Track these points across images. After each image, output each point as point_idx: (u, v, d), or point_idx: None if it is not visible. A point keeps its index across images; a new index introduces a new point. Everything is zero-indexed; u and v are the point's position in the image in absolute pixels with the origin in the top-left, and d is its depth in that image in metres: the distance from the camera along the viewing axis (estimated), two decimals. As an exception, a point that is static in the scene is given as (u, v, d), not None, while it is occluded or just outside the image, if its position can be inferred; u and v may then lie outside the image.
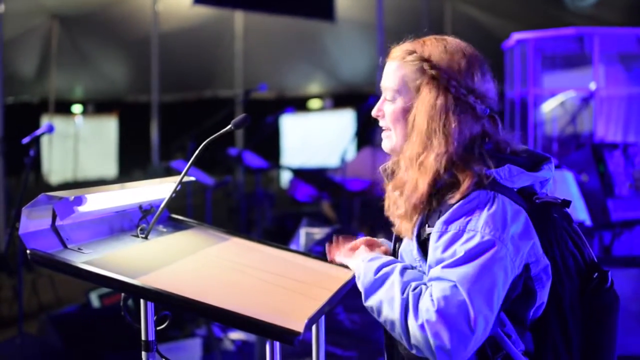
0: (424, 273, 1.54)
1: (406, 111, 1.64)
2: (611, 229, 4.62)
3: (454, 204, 1.51)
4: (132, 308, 3.84)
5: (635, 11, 9.79)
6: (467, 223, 1.48)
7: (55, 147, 13.77)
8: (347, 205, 6.29)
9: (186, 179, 1.93)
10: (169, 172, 6.92)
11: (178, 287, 1.55)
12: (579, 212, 4.21)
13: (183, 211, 3.75)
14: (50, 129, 4.00)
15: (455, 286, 1.41)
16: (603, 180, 4.54)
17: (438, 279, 1.44)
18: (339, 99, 15.18)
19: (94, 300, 4.67)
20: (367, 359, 3.81)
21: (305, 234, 4.31)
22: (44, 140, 12.40)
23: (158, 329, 1.73)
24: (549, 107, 7.36)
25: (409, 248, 1.61)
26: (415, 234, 1.58)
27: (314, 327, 1.96)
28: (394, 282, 1.52)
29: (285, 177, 13.94)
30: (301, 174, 8.73)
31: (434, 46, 1.64)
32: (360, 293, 1.62)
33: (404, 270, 1.55)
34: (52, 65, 12.24)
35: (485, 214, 1.48)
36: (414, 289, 1.47)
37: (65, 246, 1.67)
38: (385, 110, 1.69)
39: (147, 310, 1.71)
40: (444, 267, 1.45)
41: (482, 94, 1.62)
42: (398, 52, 1.68)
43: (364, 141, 8.08)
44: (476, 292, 1.41)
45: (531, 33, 7.01)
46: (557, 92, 7.23)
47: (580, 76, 7.05)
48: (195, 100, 14.59)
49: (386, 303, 1.50)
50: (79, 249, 1.68)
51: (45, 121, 12.81)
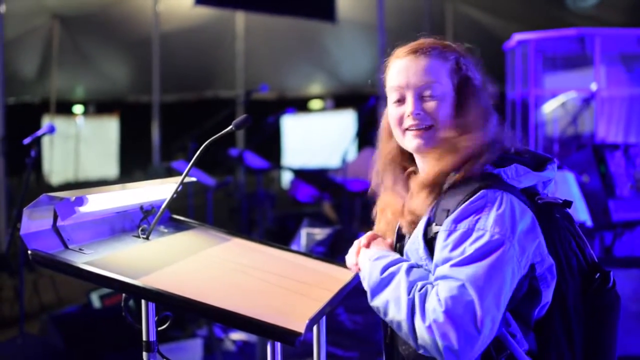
0: (429, 272, 1.54)
1: (452, 104, 1.63)
2: (612, 229, 4.62)
3: (462, 202, 1.51)
4: (133, 308, 3.84)
5: (636, 12, 9.79)
6: (477, 222, 1.47)
7: (56, 148, 13.78)
8: (348, 206, 6.29)
9: (187, 179, 1.93)
10: (170, 173, 6.93)
11: (179, 287, 1.55)
12: (580, 212, 4.21)
13: (184, 212, 3.75)
14: (52, 130, 4.00)
15: (463, 286, 1.40)
16: (604, 181, 4.54)
17: (445, 277, 1.44)
18: (340, 100, 15.19)
19: (95, 300, 4.68)
20: (368, 359, 3.81)
21: (306, 234, 4.32)
22: (45, 141, 12.40)
23: (159, 329, 1.73)
24: (550, 107, 7.36)
25: (414, 247, 1.59)
26: (422, 232, 1.58)
27: (315, 328, 1.96)
28: (400, 282, 1.51)
29: (286, 178, 13.95)
30: (302, 175, 8.74)
31: (455, 45, 1.68)
32: (361, 293, 1.61)
33: (410, 269, 1.54)
34: (53, 66, 12.25)
35: (494, 213, 1.48)
36: (420, 289, 1.47)
37: (66, 247, 1.67)
38: (428, 108, 1.61)
39: (148, 310, 1.71)
40: (452, 265, 1.44)
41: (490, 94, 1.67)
42: (430, 49, 1.63)
43: (365, 142, 8.08)
44: (485, 292, 1.40)
45: (532, 34, 7.02)
46: (558, 93, 7.24)
47: (582, 77, 7.05)
48: (196, 100, 14.60)
49: (392, 303, 1.49)
50: (80, 249, 1.68)
51: (46, 121, 12.83)
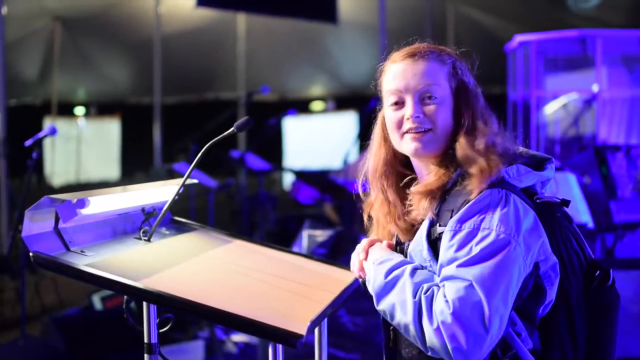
0: (434, 273, 1.54)
1: (451, 107, 1.64)
2: (614, 231, 4.61)
3: (465, 202, 1.51)
4: (135, 310, 3.83)
5: (637, 13, 9.79)
6: (482, 221, 1.47)
7: (57, 149, 13.78)
8: (350, 208, 6.27)
9: (189, 181, 1.94)
10: (171, 174, 6.94)
11: (180, 289, 1.55)
12: (582, 214, 4.21)
13: (186, 213, 3.75)
14: (53, 131, 4.01)
15: (471, 286, 1.41)
16: (606, 182, 4.54)
17: (452, 278, 1.44)
18: (341, 101, 15.17)
19: (97, 302, 4.68)
20: (369, 361, 3.81)
21: (307, 236, 4.32)
22: (47, 143, 12.40)
23: (160, 331, 1.73)
24: (551, 109, 7.36)
25: (418, 248, 1.59)
26: (425, 233, 1.58)
27: (316, 330, 1.96)
28: (404, 285, 1.51)
29: (288, 180, 13.93)
30: (304, 176, 8.73)
31: (450, 49, 1.69)
32: (362, 295, 1.61)
33: (414, 271, 1.54)
34: (55, 68, 12.26)
35: (498, 212, 1.48)
36: (426, 291, 1.47)
37: (67, 249, 1.67)
38: (428, 111, 1.62)
39: (150, 312, 1.71)
40: (458, 266, 1.44)
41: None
42: (428, 52, 1.64)
43: (367, 143, 8.05)
44: (493, 292, 1.41)
45: (534, 35, 7.01)
46: (559, 94, 7.24)
47: (583, 78, 7.05)
48: (198, 102, 14.60)
49: (398, 306, 1.49)
50: (81, 251, 1.68)
51: (47, 123, 12.84)
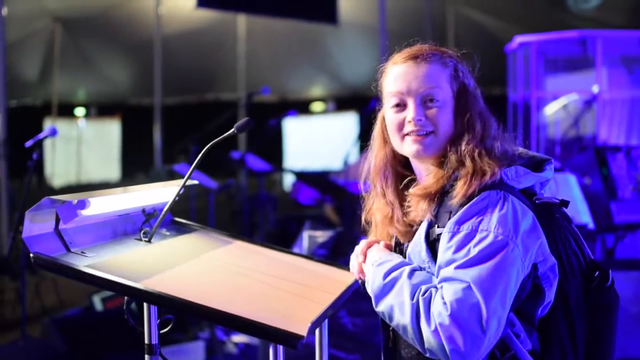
0: (432, 274, 1.54)
1: (452, 110, 1.63)
2: (614, 231, 4.61)
3: (464, 204, 1.51)
4: (135, 311, 3.83)
5: (637, 14, 9.79)
6: (480, 223, 1.48)
7: (58, 150, 13.78)
8: (350, 208, 6.28)
9: (189, 182, 1.94)
10: (172, 175, 6.95)
11: (181, 290, 1.55)
12: (582, 215, 4.21)
13: (186, 214, 3.76)
14: (53, 132, 4.01)
15: (469, 287, 1.41)
16: (606, 183, 4.54)
17: (450, 279, 1.44)
18: (341, 102, 15.17)
19: (97, 303, 4.67)
20: (369, 362, 3.81)
21: (308, 237, 4.32)
22: (47, 143, 12.39)
23: (161, 332, 1.73)
24: (551, 110, 7.36)
25: (417, 249, 1.60)
26: (424, 234, 1.58)
27: (317, 331, 1.96)
28: (402, 286, 1.51)
29: (288, 180, 13.93)
30: (304, 177, 8.74)
31: (452, 51, 1.69)
32: (362, 296, 1.61)
33: (412, 273, 1.54)
34: (55, 68, 12.26)
35: (496, 213, 1.48)
36: (424, 293, 1.47)
37: (68, 250, 1.67)
38: (430, 114, 1.61)
39: (150, 313, 1.71)
40: (456, 267, 1.45)
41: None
42: (430, 54, 1.64)
43: (367, 144, 8.05)
44: (491, 293, 1.41)
45: (534, 36, 7.01)
46: (559, 95, 7.24)
47: (583, 79, 7.05)
48: (198, 103, 14.60)
49: (397, 308, 1.50)
50: (82, 252, 1.68)
51: (48, 124, 12.83)
